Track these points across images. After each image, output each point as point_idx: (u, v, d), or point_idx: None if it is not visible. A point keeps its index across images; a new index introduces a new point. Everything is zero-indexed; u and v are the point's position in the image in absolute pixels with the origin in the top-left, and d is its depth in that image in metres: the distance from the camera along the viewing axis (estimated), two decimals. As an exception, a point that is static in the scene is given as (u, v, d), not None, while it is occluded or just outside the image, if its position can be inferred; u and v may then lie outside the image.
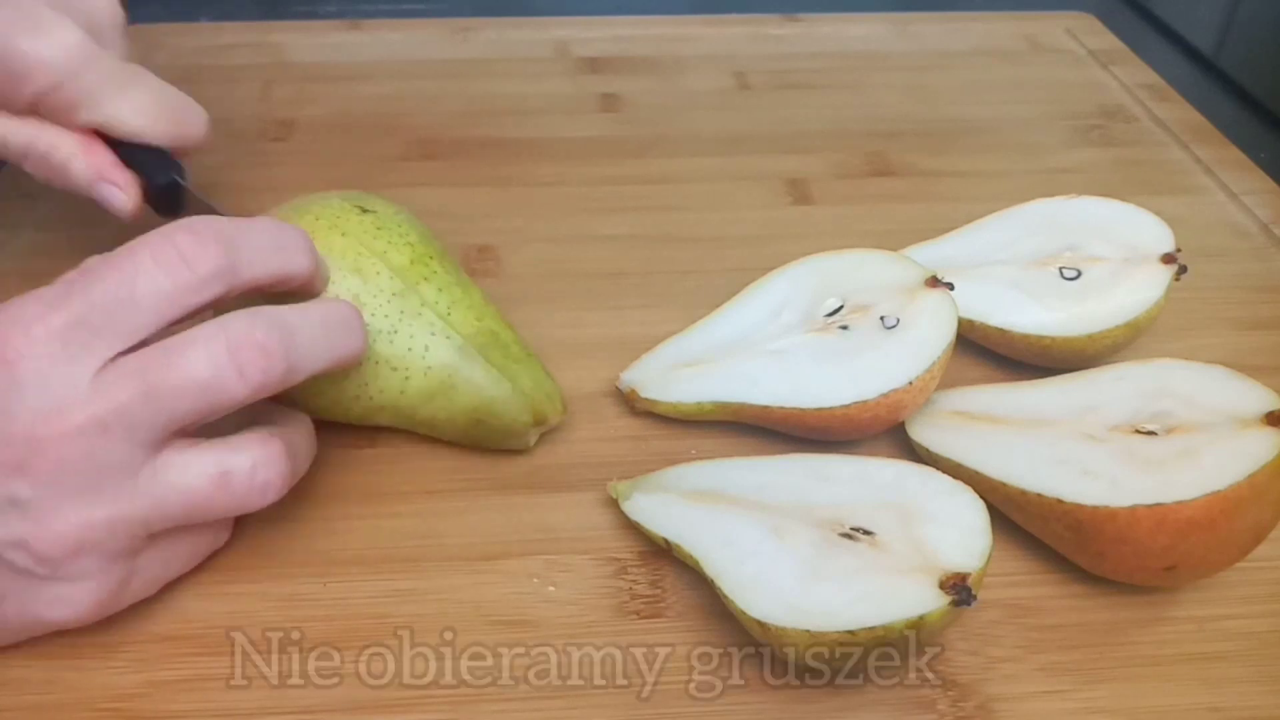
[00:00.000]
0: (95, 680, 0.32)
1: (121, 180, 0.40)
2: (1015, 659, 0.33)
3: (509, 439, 0.38)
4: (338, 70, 0.67)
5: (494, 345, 0.37)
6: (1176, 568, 0.32)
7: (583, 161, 0.58)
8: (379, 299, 0.36)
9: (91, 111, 0.39)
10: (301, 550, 0.36)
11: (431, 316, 0.36)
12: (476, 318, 0.38)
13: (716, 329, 0.42)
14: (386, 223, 0.38)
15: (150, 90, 0.40)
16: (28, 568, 0.29)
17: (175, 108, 0.41)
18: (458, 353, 0.37)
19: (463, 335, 0.37)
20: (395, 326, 0.36)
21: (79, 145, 0.40)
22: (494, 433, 0.38)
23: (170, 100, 0.41)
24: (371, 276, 0.36)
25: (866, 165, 0.58)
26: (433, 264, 0.38)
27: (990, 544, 0.31)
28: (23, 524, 0.28)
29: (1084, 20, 0.75)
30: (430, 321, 0.36)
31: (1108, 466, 0.33)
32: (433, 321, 0.36)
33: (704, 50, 0.70)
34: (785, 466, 0.36)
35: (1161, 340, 0.45)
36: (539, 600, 0.35)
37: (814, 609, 0.29)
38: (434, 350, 0.36)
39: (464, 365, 0.37)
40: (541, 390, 0.38)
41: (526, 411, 0.37)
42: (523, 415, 0.37)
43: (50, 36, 0.37)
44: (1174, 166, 0.59)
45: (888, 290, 0.40)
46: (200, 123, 0.42)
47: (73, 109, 0.38)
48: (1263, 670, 0.33)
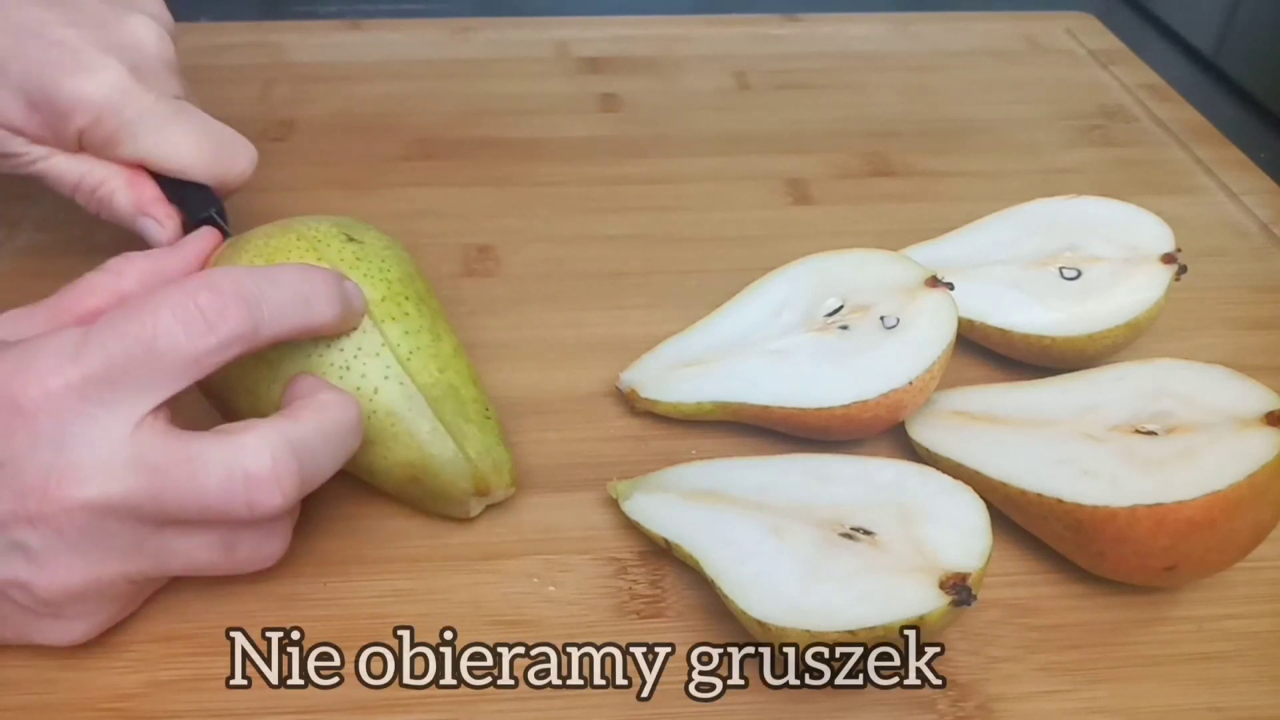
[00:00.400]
0: (95, 680, 0.32)
1: (161, 214, 0.41)
2: (1015, 659, 0.33)
3: (446, 504, 0.36)
4: (338, 70, 0.67)
5: (449, 399, 0.35)
6: (1176, 568, 0.32)
7: (583, 161, 0.58)
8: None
9: (133, 146, 0.40)
10: (301, 550, 0.36)
11: (390, 359, 0.35)
12: (439, 369, 0.35)
13: (716, 329, 0.42)
14: (369, 255, 0.36)
15: (194, 127, 0.41)
16: (28, 606, 0.30)
17: (219, 146, 0.41)
18: (407, 401, 0.34)
19: (417, 384, 0.35)
20: (348, 362, 0.34)
21: (124, 180, 0.41)
22: (430, 494, 0.35)
23: (215, 137, 0.41)
24: None
25: (866, 165, 0.58)
26: (406, 305, 0.36)
27: (990, 544, 0.31)
28: (27, 568, 0.29)
29: (1084, 20, 0.75)
30: (387, 364, 0.34)
31: (1108, 466, 0.33)
32: (389, 365, 0.34)
33: (704, 50, 0.70)
34: (785, 466, 0.36)
35: (1161, 340, 0.45)
36: (539, 600, 0.35)
37: (814, 609, 0.29)
38: (383, 393, 0.34)
39: (409, 415, 0.34)
40: (489, 458, 0.35)
41: (467, 478, 0.35)
42: (461, 481, 0.35)
43: (94, 75, 0.38)
44: (1174, 166, 0.59)
45: (888, 290, 0.40)
46: (245, 161, 0.42)
47: (115, 144, 0.39)
48: (1263, 670, 0.33)
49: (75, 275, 0.34)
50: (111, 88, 0.38)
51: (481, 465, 0.35)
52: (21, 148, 0.40)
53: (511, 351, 0.44)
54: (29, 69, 0.38)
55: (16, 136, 0.39)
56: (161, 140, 0.40)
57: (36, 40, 0.38)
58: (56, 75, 0.38)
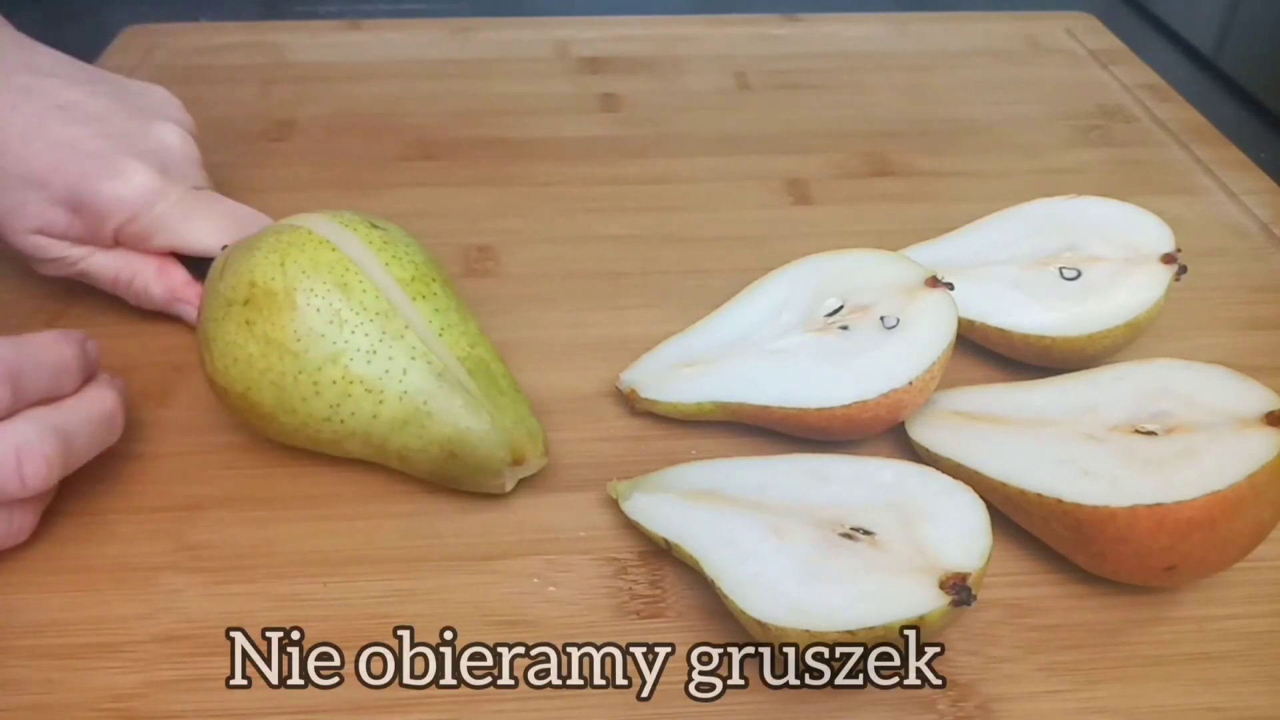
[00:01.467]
0: (95, 680, 0.32)
1: (191, 296, 0.45)
2: (1015, 659, 0.33)
3: (484, 477, 0.36)
4: (338, 70, 0.67)
5: (482, 373, 0.36)
6: (1176, 568, 0.32)
7: (583, 161, 0.58)
8: (361, 316, 0.35)
9: (165, 237, 0.44)
10: (301, 550, 0.36)
11: (415, 340, 0.35)
12: (470, 344, 0.37)
13: (716, 329, 0.42)
14: (394, 239, 0.38)
15: (217, 213, 0.44)
16: None
17: (241, 226, 0.44)
18: (436, 379, 0.35)
19: (455, 355, 0.36)
20: (374, 346, 0.35)
21: (155, 271, 0.45)
22: (467, 468, 0.36)
23: (237, 219, 0.45)
24: (356, 293, 0.35)
25: (866, 165, 0.58)
26: (434, 285, 0.37)
27: (990, 544, 0.31)
28: None
29: (1084, 20, 0.75)
30: (412, 345, 0.35)
31: (1108, 466, 0.33)
32: (414, 345, 0.35)
33: (704, 50, 0.70)
34: (785, 466, 0.36)
35: (1161, 340, 0.45)
36: (539, 600, 0.35)
37: (814, 609, 0.29)
38: (411, 374, 0.35)
39: (441, 392, 0.35)
40: (523, 427, 0.36)
41: (504, 447, 0.35)
42: (499, 450, 0.35)
43: (127, 178, 0.42)
44: (1174, 166, 0.59)
45: (888, 290, 0.40)
46: None
47: (149, 236, 0.43)
48: (1263, 670, 0.33)
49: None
50: (142, 187, 0.42)
51: (517, 434, 0.36)
52: (66, 250, 0.44)
53: (511, 351, 0.44)
54: (69, 180, 0.42)
55: (62, 242, 0.44)
56: (190, 229, 0.44)
57: (73, 153, 0.42)
58: (94, 183, 0.42)
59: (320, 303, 0.35)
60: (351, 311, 0.35)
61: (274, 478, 0.39)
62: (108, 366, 0.39)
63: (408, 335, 0.35)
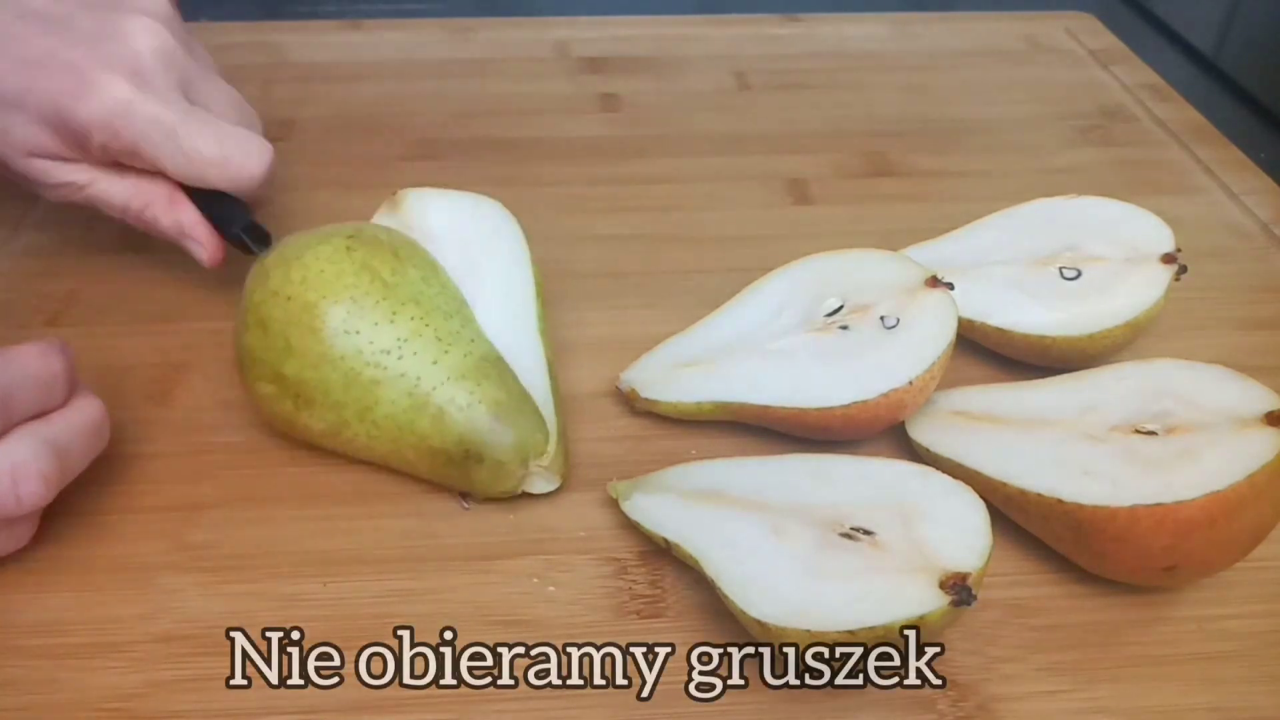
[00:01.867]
0: (95, 680, 0.32)
1: (201, 236, 0.43)
2: (1015, 659, 0.33)
3: (501, 476, 0.36)
4: (338, 70, 0.67)
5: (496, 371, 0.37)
6: (1177, 568, 0.32)
7: (583, 161, 0.58)
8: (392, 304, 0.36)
9: (152, 154, 0.40)
10: (301, 550, 0.36)
11: (431, 339, 0.36)
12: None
13: (716, 329, 0.42)
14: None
15: (204, 131, 0.41)
16: None
17: (231, 147, 0.41)
18: (458, 381, 0.36)
19: (471, 359, 0.36)
20: (396, 348, 0.36)
21: (165, 202, 0.42)
22: (487, 467, 0.36)
23: (226, 142, 0.41)
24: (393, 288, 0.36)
25: (866, 165, 0.58)
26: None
27: (990, 544, 0.31)
28: None
29: (1084, 20, 0.75)
30: (430, 347, 0.36)
31: (1108, 466, 0.33)
32: (430, 346, 0.36)
33: (704, 50, 0.70)
34: (785, 466, 0.36)
35: (1161, 340, 0.45)
36: (539, 600, 0.35)
37: (814, 609, 0.29)
38: (427, 379, 0.36)
39: (459, 393, 0.36)
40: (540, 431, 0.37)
41: (523, 446, 0.36)
42: (518, 448, 0.36)
43: (99, 95, 0.39)
44: (1174, 166, 0.59)
45: (888, 290, 0.40)
46: (256, 161, 0.42)
47: (137, 154, 0.40)
48: (1263, 670, 0.33)
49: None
50: (115, 103, 0.39)
51: (533, 432, 0.36)
52: (69, 175, 0.42)
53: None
54: (42, 101, 0.39)
55: (60, 163, 0.41)
56: (176, 149, 0.40)
57: (43, 70, 0.39)
58: (68, 102, 0.39)
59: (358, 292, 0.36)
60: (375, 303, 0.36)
61: (274, 478, 0.39)
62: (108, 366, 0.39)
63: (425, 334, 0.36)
